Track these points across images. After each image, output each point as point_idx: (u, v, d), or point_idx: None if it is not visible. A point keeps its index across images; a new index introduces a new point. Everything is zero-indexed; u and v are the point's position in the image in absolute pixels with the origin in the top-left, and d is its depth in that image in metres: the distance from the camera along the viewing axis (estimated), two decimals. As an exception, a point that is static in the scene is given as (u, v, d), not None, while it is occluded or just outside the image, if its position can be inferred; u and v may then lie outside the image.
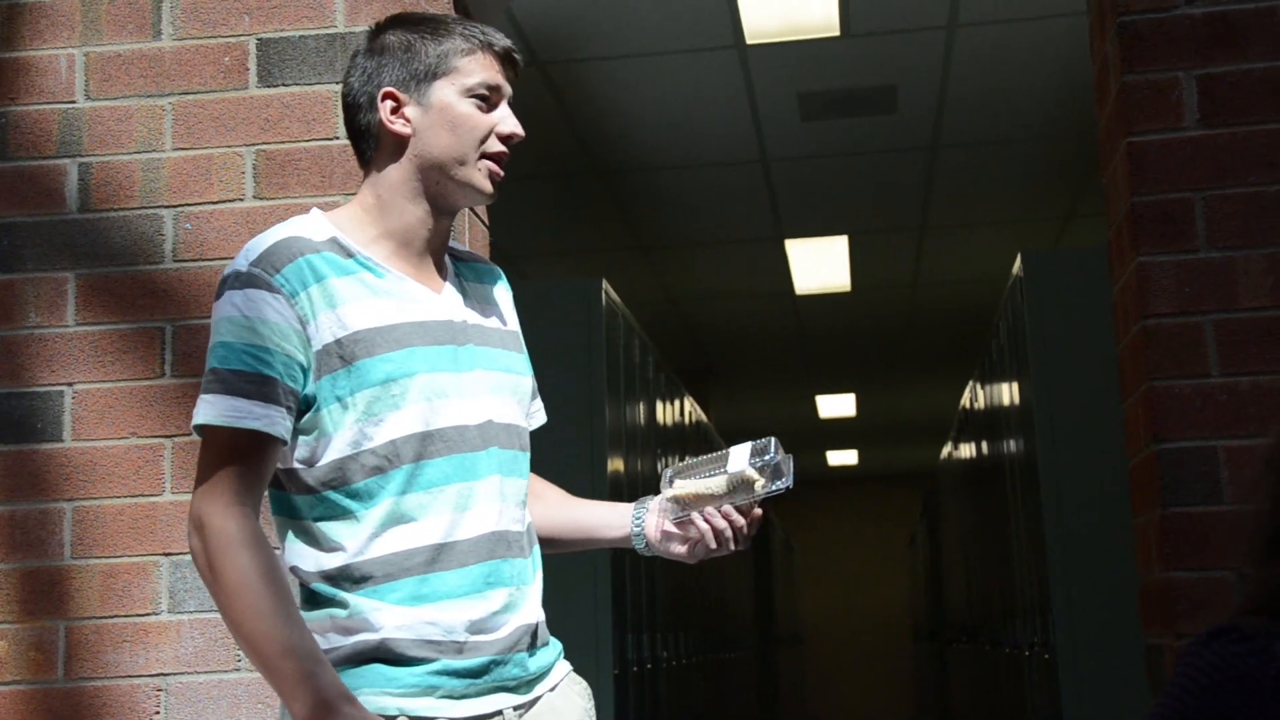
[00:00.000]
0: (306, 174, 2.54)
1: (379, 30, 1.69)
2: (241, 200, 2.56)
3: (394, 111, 1.64)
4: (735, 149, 5.99)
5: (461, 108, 1.64)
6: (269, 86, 2.58)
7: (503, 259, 7.26)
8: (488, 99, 1.65)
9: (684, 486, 1.71)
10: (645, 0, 4.61)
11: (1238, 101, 2.44)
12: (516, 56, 1.69)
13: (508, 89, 1.68)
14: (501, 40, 1.68)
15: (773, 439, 1.71)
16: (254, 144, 2.57)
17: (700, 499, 1.69)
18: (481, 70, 1.65)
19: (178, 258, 2.55)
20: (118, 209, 2.58)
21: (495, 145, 1.65)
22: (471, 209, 2.61)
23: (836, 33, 4.88)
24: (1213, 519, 2.34)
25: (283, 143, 2.56)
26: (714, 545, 1.72)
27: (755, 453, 1.69)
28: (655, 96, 5.41)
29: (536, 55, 4.96)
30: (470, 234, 2.61)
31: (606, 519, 1.81)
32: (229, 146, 2.57)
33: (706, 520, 1.70)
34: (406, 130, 1.64)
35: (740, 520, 1.70)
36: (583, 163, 6.10)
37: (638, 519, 1.78)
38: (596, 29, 4.79)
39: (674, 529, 1.74)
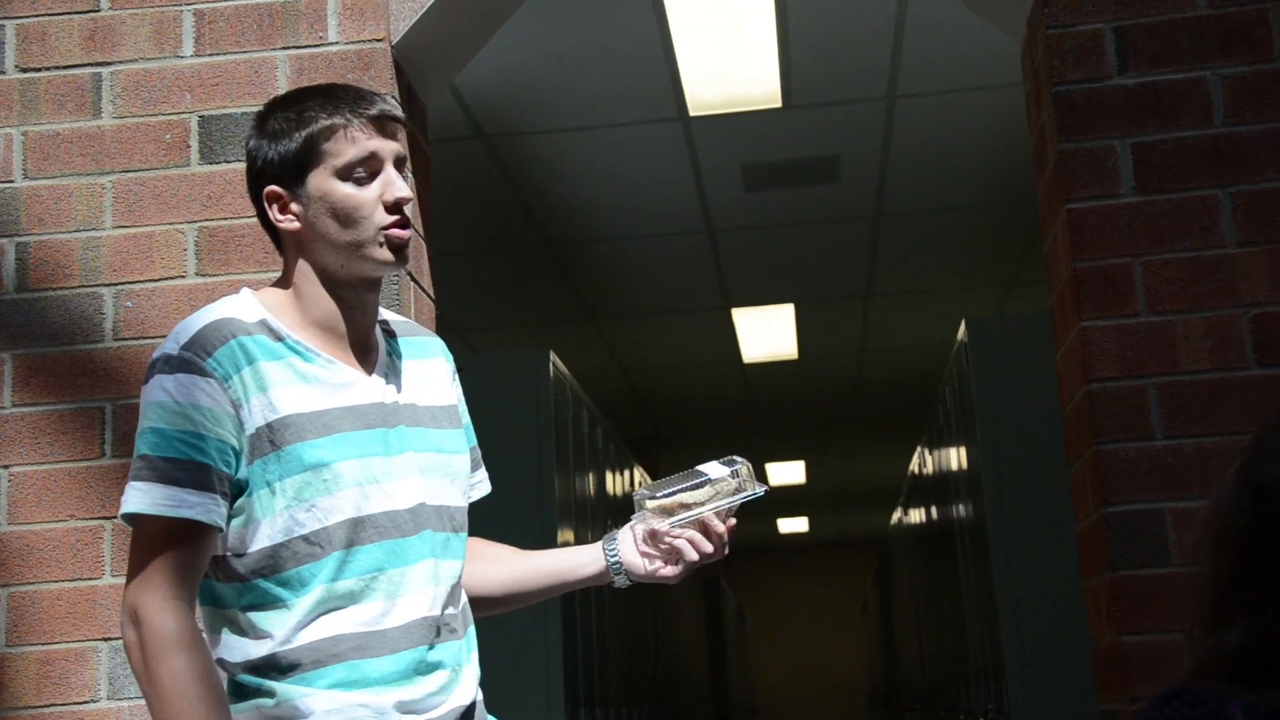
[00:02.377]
0: (250, 250, 2.52)
1: (259, 119, 1.64)
2: (183, 278, 2.53)
3: (282, 210, 1.61)
4: (681, 219, 6.03)
5: (339, 193, 1.58)
6: (211, 163, 2.57)
7: (450, 331, 7.25)
8: (364, 173, 1.59)
9: (666, 499, 1.74)
10: (589, 74, 4.64)
11: (1171, 169, 2.48)
12: (391, 114, 1.62)
13: (387, 151, 1.61)
14: (371, 108, 1.61)
15: (737, 456, 1.77)
16: (196, 221, 2.55)
17: (685, 507, 1.72)
18: (350, 146, 1.58)
19: (118, 336, 2.52)
20: (57, 288, 2.55)
21: (385, 218, 1.59)
22: (416, 281, 2.60)
23: (778, 104, 4.94)
24: (1162, 581, 2.34)
25: (225, 219, 2.54)
26: (694, 557, 1.71)
27: (726, 464, 1.76)
28: (600, 168, 5.44)
29: (482, 128, 4.98)
30: (416, 306, 2.59)
31: (576, 559, 1.78)
32: (170, 224, 2.55)
33: (689, 540, 1.71)
34: (295, 226, 1.60)
35: (721, 527, 1.72)
36: (529, 234, 6.11)
37: (612, 552, 1.76)
38: (541, 102, 4.82)
39: (654, 551, 1.73)
